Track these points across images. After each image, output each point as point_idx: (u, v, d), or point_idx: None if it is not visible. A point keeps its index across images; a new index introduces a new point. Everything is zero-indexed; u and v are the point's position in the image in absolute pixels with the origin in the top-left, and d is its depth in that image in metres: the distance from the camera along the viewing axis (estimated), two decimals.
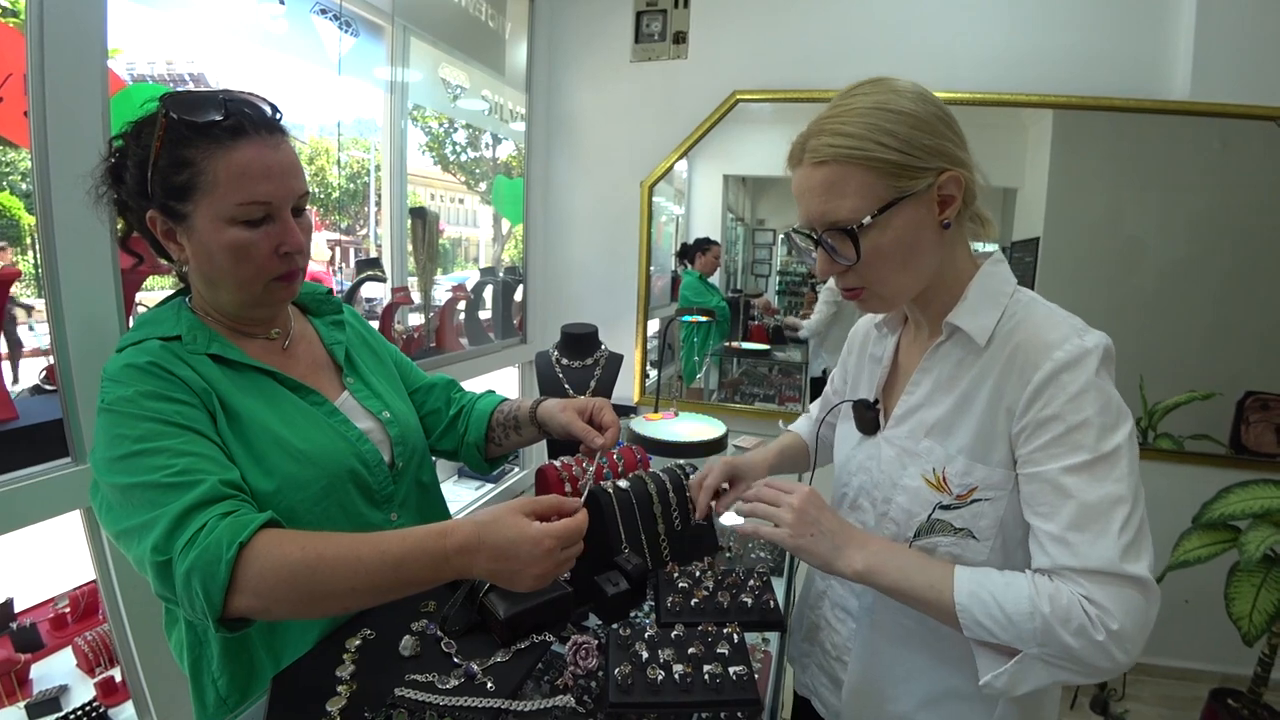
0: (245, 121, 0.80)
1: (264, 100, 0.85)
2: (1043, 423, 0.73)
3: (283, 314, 0.99)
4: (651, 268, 2.73)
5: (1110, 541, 0.68)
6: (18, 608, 1.60)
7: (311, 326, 1.05)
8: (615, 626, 0.86)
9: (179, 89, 1.41)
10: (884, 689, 0.91)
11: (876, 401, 0.94)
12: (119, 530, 0.73)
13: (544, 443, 1.73)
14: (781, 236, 2.92)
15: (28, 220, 1.24)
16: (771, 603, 0.97)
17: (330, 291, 1.10)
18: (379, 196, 2.21)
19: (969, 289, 0.82)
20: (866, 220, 0.75)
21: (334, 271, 2.19)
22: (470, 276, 2.74)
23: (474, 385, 1.31)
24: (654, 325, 2.81)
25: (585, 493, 0.97)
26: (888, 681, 0.91)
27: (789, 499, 0.85)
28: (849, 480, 0.97)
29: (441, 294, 2.34)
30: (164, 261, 0.89)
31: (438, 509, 1.14)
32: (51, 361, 1.10)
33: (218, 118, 0.78)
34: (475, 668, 0.81)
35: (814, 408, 1.25)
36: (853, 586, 0.95)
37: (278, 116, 0.85)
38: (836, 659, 0.98)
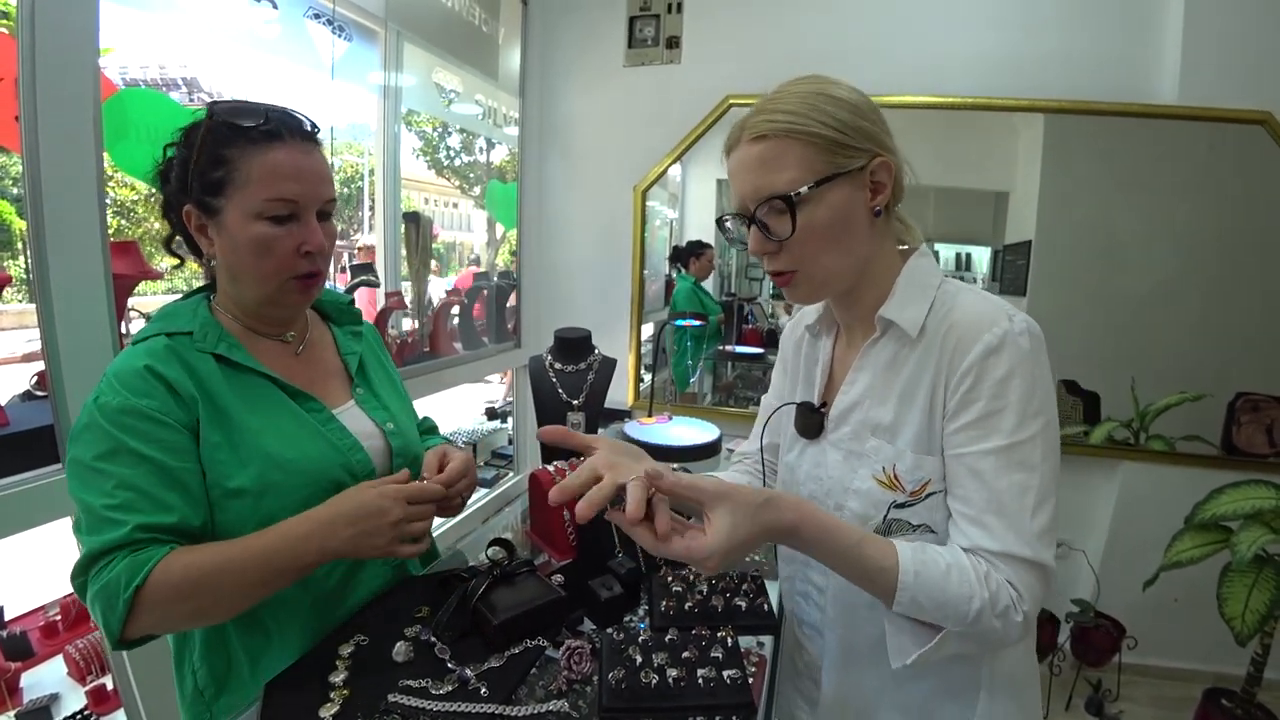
0: (282, 128, 0.86)
1: (305, 116, 0.91)
2: (966, 404, 0.74)
3: (300, 318, 1.01)
4: (645, 272, 2.73)
5: (1025, 526, 0.71)
6: (8, 615, 1.60)
7: (330, 334, 1.08)
8: (609, 631, 0.86)
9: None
10: (861, 702, 0.89)
11: (823, 404, 0.91)
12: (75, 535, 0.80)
13: (538, 448, 1.73)
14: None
15: (19, 225, 1.24)
16: (765, 606, 0.97)
17: (352, 303, 1.13)
18: (373, 201, 2.20)
19: (897, 283, 0.83)
20: (804, 190, 0.76)
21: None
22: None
23: (469, 389, 1.31)
24: (648, 329, 2.81)
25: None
26: (864, 694, 0.89)
27: (709, 568, 0.67)
28: (798, 490, 0.93)
29: (436, 294, 2.33)
30: (195, 258, 0.94)
31: None
32: (43, 367, 1.10)
33: (257, 122, 0.84)
34: (469, 673, 0.80)
35: (748, 444, 1.13)
36: (816, 600, 0.92)
37: (315, 130, 0.91)
38: (809, 677, 0.96)
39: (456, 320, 2.45)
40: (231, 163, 0.84)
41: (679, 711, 0.75)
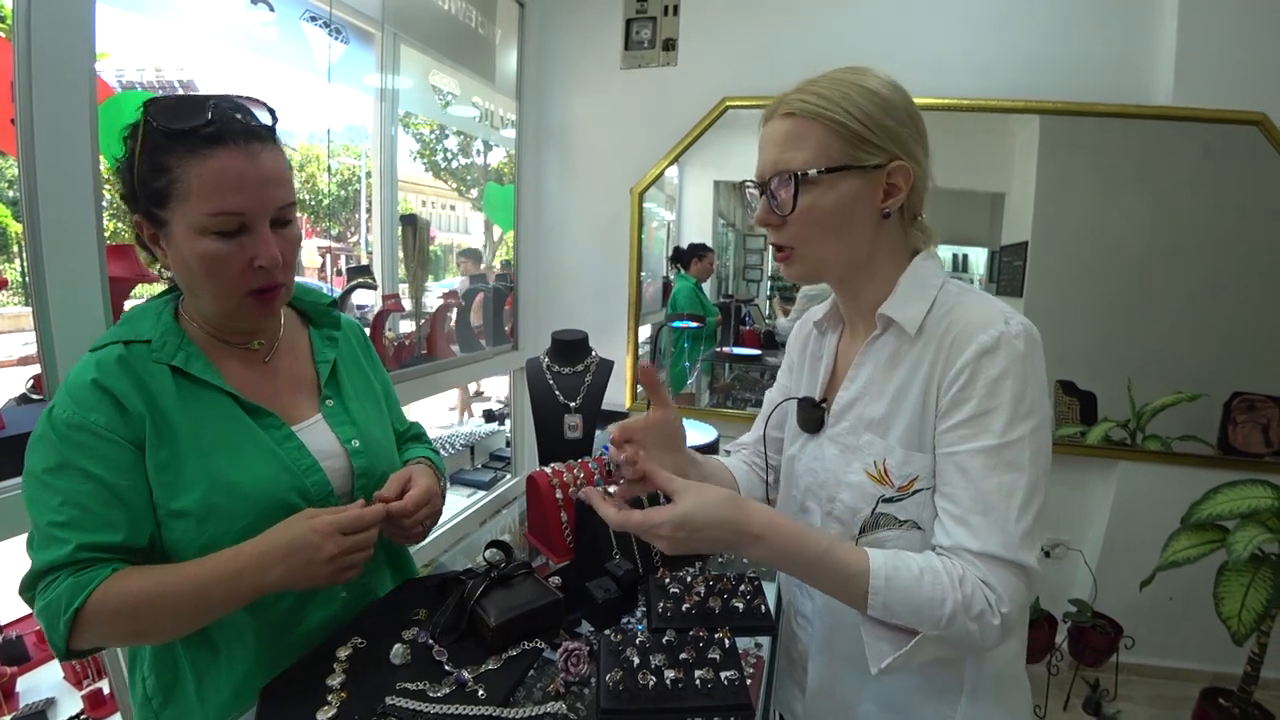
0: (225, 130, 0.78)
1: (260, 105, 0.83)
2: (958, 404, 0.75)
3: (271, 324, 0.95)
4: (643, 274, 2.73)
5: (1009, 528, 0.71)
6: (4, 620, 1.59)
7: (307, 337, 1.02)
8: (607, 632, 0.86)
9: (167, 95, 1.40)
10: (846, 693, 0.90)
11: (823, 400, 0.93)
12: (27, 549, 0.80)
13: (535, 449, 1.73)
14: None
15: (15, 228, 1.23)
16: (763, 607, 0.97)
17: (334, 304, 1.06)
18: (369, 203, 2.20)
19: (900, 281, 0.84)
20: (813, 172, 0.78)
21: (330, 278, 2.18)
22: (461, 283, 2.73)
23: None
24: (645, 331, 2.81)
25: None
26: (848, 685, 0.90)
27: (658, 543, 0.74)
28: (796, 482, 0.96)
29: (432, 300, 2.33)
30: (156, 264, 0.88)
31: (397, 546, 1.08)
32: (39, 370, 1.09)
33: (196, 124, 0.76)
34: (467, 675, 0.80)
35: (748, 435, 1.16)
36: (806, 590, 0.94)
37: (272, 122, 0.84)
38: (801, 666, 0.97)
39: (454, 323, 2.44)
40: (171, 172, 0.77)
41: (676, 713, 0.75)
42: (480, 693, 0.78)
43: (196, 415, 0.83)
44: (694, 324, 2.58)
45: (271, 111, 0.84)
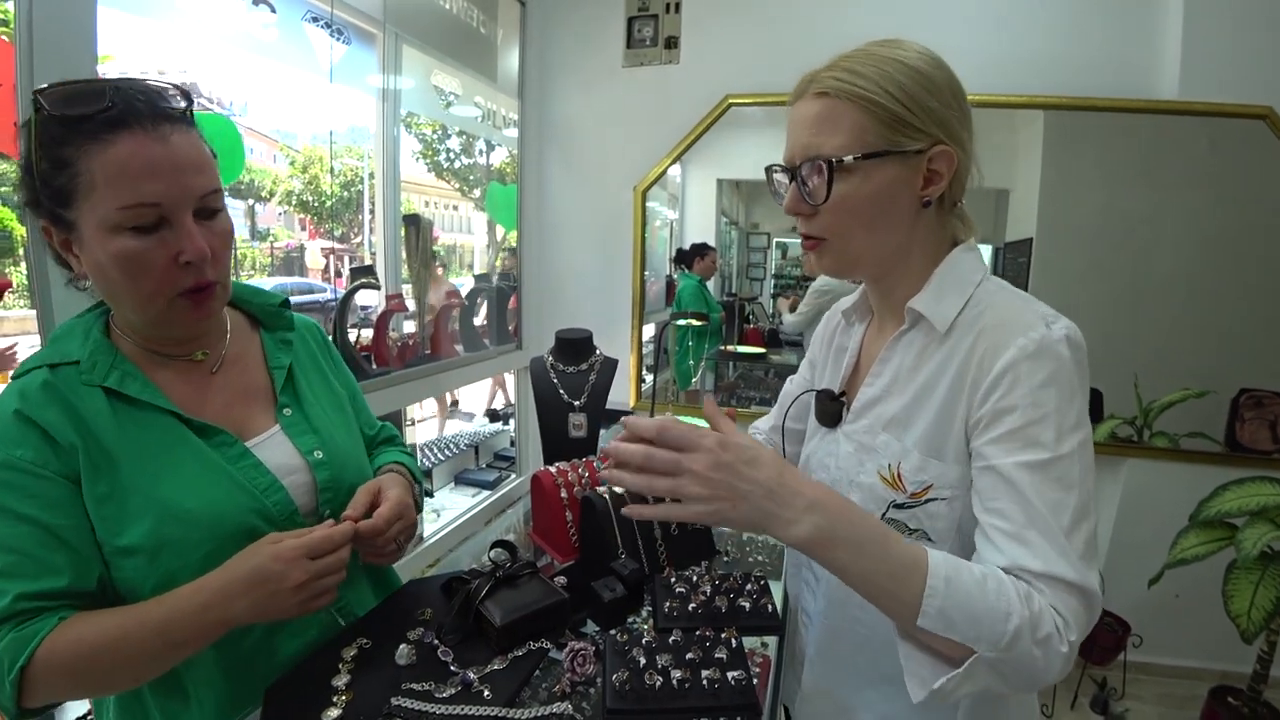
0: (128, 112, 0.69)
1: (171, 86, 0.75)
2: (1001, 413, 0.68)
3: (214, 331, 0.87)
4: (646, 272, 2.73)
5: (1071, 549, 0.63)
6: None
7: (259, 343, 0.93)
8: (612, 632, 0.86)
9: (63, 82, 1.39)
10: (841, 698, 0.87)
11: (842, 394, 0.88)
12: None
13: (540, 448, 1.73)
14: (776, 241, 2.94)
15: (20, 231, 1.24)
16: (769, 606, 0.97)
17: (285, 303, 0.97)
18: (372, 204, 2.20)
19: (934, 274, 0.78)
20: (849, 159, 0.72)
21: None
22: (465, 283, 2.73)
23: (468, 391, 1.29)
24: (649, 330, 2.81)
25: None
26: (844, 692, 0.87)
27: (690, 463, 0.63)
28: (809, 478, 0.92)
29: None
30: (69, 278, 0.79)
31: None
32: None
33: (95, 109, 0.68)
34: (472, 676, 0.80)
35: (765, 421, 1.15)
36: (812, 586, 0.90)
37: (183, 104, 0.75)
38: (802, 664, 0.95)
39: (457, 324, 2.44)
40: (73, 165, 0.68)
41: (683, 713, 0.74)
42: (486, 693, 0.78)
43: (137, 440, 0.76)
44: (697, 321, 2.58)
45: (186, 95, 0.76)
